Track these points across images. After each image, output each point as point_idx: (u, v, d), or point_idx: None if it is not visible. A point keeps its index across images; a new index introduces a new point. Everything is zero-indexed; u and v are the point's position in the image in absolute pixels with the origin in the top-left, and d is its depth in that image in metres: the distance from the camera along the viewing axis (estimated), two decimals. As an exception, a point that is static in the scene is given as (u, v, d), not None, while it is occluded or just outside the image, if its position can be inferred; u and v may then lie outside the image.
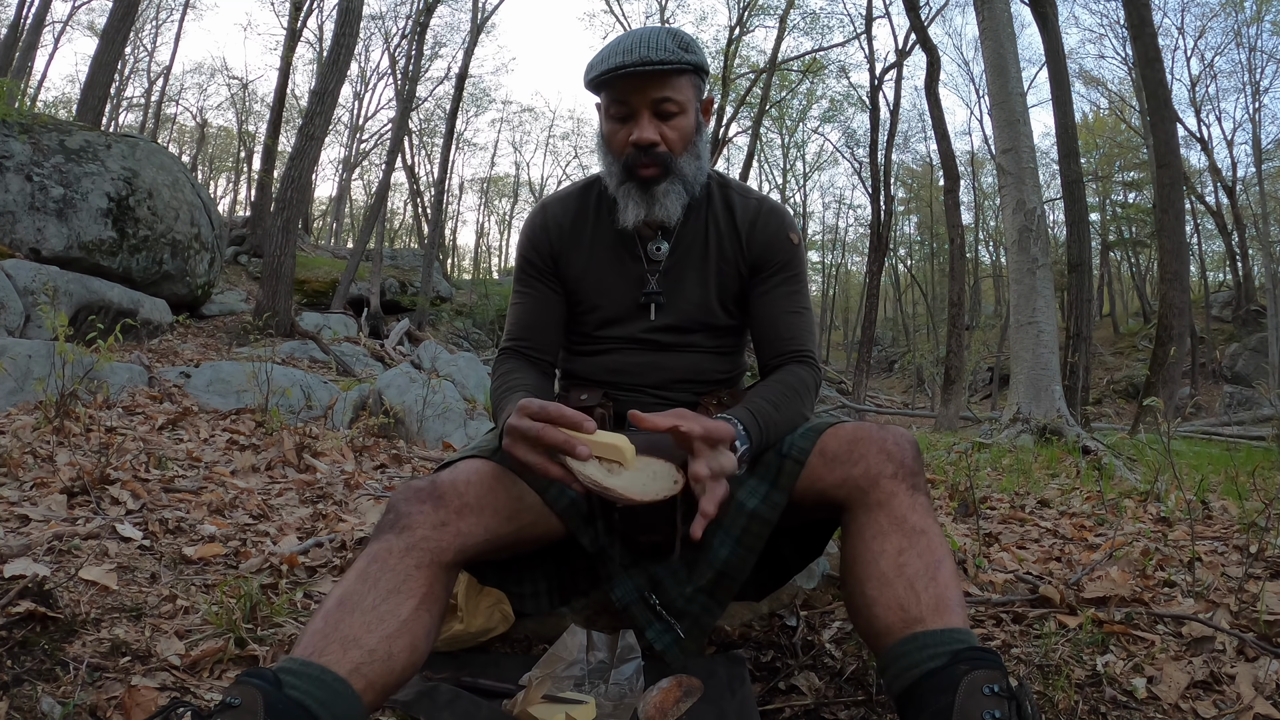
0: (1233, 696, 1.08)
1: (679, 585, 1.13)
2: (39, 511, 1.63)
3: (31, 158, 6.83)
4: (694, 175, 1.21)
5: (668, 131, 1.16)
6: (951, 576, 0.92)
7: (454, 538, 0.96)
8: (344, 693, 0.80)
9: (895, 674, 0.87)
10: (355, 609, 0.86)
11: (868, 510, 0.98)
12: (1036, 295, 5.88)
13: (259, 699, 0.74)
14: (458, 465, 1.05)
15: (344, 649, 0.82)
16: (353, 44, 10.24)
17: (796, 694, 1.16)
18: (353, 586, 0.89)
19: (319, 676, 0.79)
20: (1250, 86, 22.32)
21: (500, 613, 1.20)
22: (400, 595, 0.89)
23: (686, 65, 1.13)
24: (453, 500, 0.98)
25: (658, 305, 1.24)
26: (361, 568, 0.91)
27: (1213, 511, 2.40)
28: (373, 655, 0.83)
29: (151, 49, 27.72)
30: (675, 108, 1.15)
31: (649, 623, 1.12)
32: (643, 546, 1.15)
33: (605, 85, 1.15)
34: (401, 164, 23.74)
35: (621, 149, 1.18)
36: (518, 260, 1.32)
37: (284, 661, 0.81)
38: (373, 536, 0.96)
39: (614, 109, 1.17)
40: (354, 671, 0.82)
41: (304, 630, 0.86)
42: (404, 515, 0.95)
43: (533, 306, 1.28)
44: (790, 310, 1.25)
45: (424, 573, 0.92)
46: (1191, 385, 18.15)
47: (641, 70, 1.10)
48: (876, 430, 1.03)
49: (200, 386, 4.16)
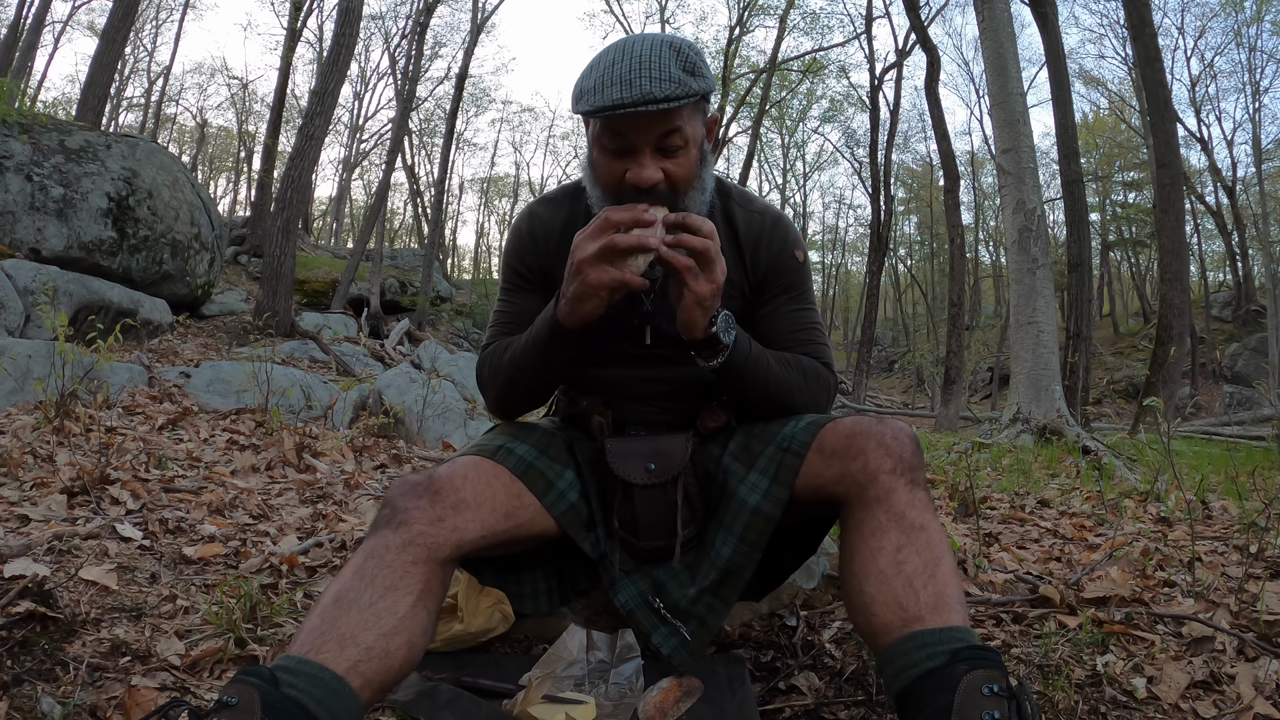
0: (1233, 696, 1.08)
1: (682, 587, 1.12)
2: (39, 511, 1.63)
3: (31, 158, 6.83)
4: (702, 202, 1.11)
5: (671, 168, 1.03)
6: (951, 574, 0.90)
7: (450, 533, 0.95)
8: (341, 691, 0.80)
9: (894, 673, 0.86)
10: (352, 606, 0.86)
11: (866, 506, 0.97)
12: (1036, 295, 5.88)
13: (256, 698, 0.74)
14: (455, 461, 1.04)
15: (341, 646, 0.82)
16: (353, 44, 10.25)
17: (796, 694, 1.16)
18: (349, 583, 0.88)
19: (316, 675, 0.79)
20: (1250, 86, 22.34)
21: (500, 613, 1.20)
22: (397, 592, 0.88)
23: (691, 89, 0.98)
24: (449, 496, 0.97)
25: (652, 327, 1.17)
26: (358, 564, 0.91)
27: (1213, 511, 2.40)
28: (370, 653, 0.83)
29: (151, 49, 27.74)
30: (680, 141, 1.02)
31: (655, 627, 1.11)
32: (643, 551, 1.14)
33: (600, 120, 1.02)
34: (401, 164, 23.74)
35: (616, 186, 1.05)
36: (505, 265, 1.28)
37: (281, 660, 0.81)
38: (369, 532, 0.95)
39: (608, 140, 1.03)
40: (351, 669, 0.81)
41: (300, 628, 0.86)
42: (400, 510, 0.95)
43: (520, 309, 1.23)
44: (799, 328, 1.20)
45: (420, 569, 0.92)
46: (1191, 385, 18.15)
47: (642, 105, 0.96)
48: (875, 424, 1.01)
49: (200, 386, 4.16)
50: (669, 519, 1.12)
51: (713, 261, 0.99)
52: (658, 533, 1.12)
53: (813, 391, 1.16)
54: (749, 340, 1.10)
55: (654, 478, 1.12)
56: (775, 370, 1.12)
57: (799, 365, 1.15)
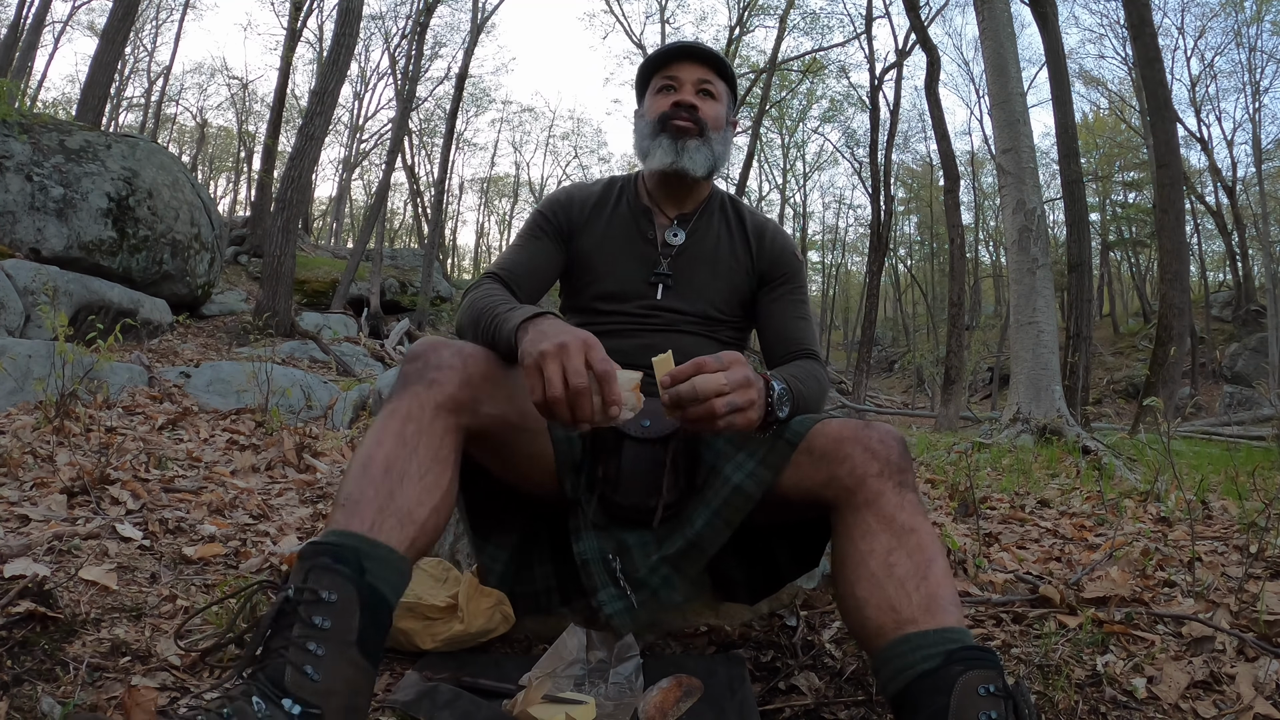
0: (1233, 696, 1.08)
1: (645, 555, 1.11)
2: (39, 511, 1.63)
3: (31, 158, 6.83)
4: (721, 153, 1.31)
5: (705, 108, 1.29)
6: (944, 575, 0.90)
7: (473, 403, 0.97)
8: (405, 572, 0.84)
9: (889, 676, 0.86)
10: (404, 477, 0.88)
11: (855, 510, 0.96)
12: (1036, 295, 5.88)
13: (354, 596, 0.77)
14: None
15: (400, 525, 0.85)
16: (353, 44, 10.25)
17: (796, 694, 1.16)
18: (394, 450, 0.89)
19: (387, 558, 0.82)
20: (1250, 86, 22.32)
21: (501, 614, 1.20)
22: (440, 465, 0.91)
23: (726, 69, 1.34)
24: (476, 366, 0.98)
25: (665, 286, 1.28)
26: (397, 428, 0.91)
27: (1213, 511, 2.40)
28: (423, 529, 0.87)
29: (151, 49, 27.73)
30: (714, 92, 1.31)
31: (604, 585, 1.09)
32: (618, 509, 1.14)
33: (659, 69, 1.32)
34: (401, 164, 23.72)
35: (662, 113, 1.29)
36: (534, 215, 1.36)
37: (346, 536, 0.82)
38: (399, 385, 0.96)
39: (661, 84, 1.32)
40: (410, 547, 0.85)
41: (351, 490, 0.86)
42: (432, 367, 0.96)
43: (534, 254, 1.30)
44: (797, 317, 1.32)
45: (452, 437, 0.94)
46: (1191, 385, 18.15)
47: (696, 52, 1.31)
48: (861, 428, 1.01)
49: (200, 386, 4.16)
50: (652, 479, 1.12)
51: (726, 410, 0.91)
52: (638, 492, 1.12)
53: (821, 395, 1.19)
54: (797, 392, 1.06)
55: (648, 433, 1.14)
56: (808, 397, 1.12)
57: (810, 374, 1.17)
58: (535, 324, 0.95)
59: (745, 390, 0.92)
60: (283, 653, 0.74)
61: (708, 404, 0.90)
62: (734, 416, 0.92)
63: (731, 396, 0.91)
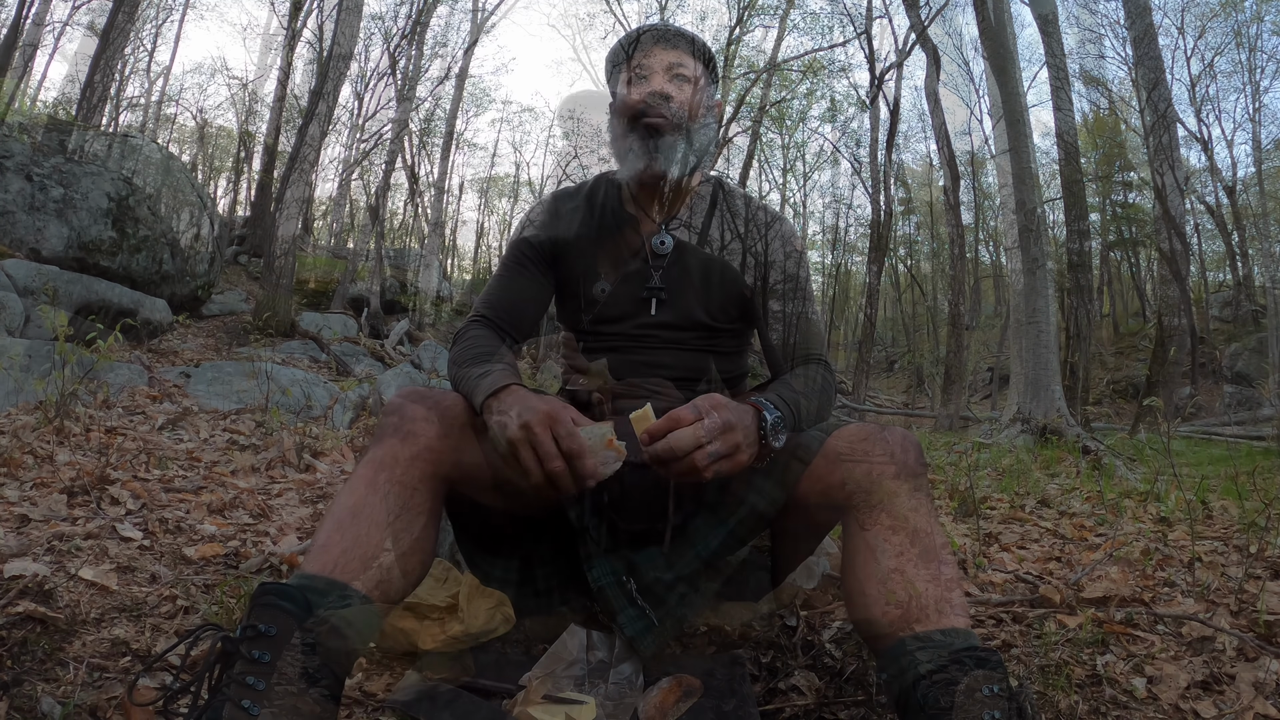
0: (1233, 696, 1.08)
1: (657, 573, 1.11)
2: (39, 511, 1.63)
3: (31, 158, 6.82)
4: (702, 145, 1.24)
5: (678, 93, 1.22)
6: (952, 577, 0.91)
7: (454, 453, 0.96)
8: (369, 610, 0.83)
9: (894, 674, 0.86)
10: (370, 523, 0.87)
11: (870, 510, 0.97)
12: (1037, 295, 5.88)
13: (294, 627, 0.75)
14: None
15: (364, 566, 0.84)
16: (352, 44, 10.24)
17: (796, 694, 1.16)
18: (364, 497, 0.89)
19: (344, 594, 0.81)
20: (1250, 86, 22.31)
21: (501, 614, 1.20)
22: (409, 512, 0.90)
23: (700, 46, 1.26)
24: (455, 417, 0.98)
25: (659, 301, 1.23)
26: (369, 476, 0.91)
27: (1213, 511, 2.39)
28: (390, 573, 0.86)
29: (151, 49, 27.65)
30: (688, 74, 1.24)
31: (623, 607, 1.10)
32: (623, 533, 1.14)
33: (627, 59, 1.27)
34: (401, 164, 23.71)
35: (633, 109, 1.22)
36: (515, 239, 1.31)
37: (304, 578, 0.82)
38: (376, 438, 0.95)
39: (631, 75, 1.26)
40: (375, 589, 0.84)
41: (317, 538, 0.87)
42: (409, 420, 0.95)
43: (521, 288, 1.26)
44: (800, 318, 1.27)
45: (428, 485, 0.93)
46: (1191, 385, 18.14)
47: (664, 34, 1.24)
48: (880, 431, 1.02)
49: (200, 386, 4.16)
50: (655, 502, 1.12)
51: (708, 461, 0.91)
52: (641, 515, 1.12)
53: (827, 404, 1.18)
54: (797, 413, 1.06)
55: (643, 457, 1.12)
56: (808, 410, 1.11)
57: (814, 385, 1.16)
58: (499, 400, 0.94)
59: (728, 436, 0.92)
60: (224, 690, 0.74)
61: (688, 459, 0.90)
62: (720, 465, 0.92)
63: (711, 447, 0.91)
